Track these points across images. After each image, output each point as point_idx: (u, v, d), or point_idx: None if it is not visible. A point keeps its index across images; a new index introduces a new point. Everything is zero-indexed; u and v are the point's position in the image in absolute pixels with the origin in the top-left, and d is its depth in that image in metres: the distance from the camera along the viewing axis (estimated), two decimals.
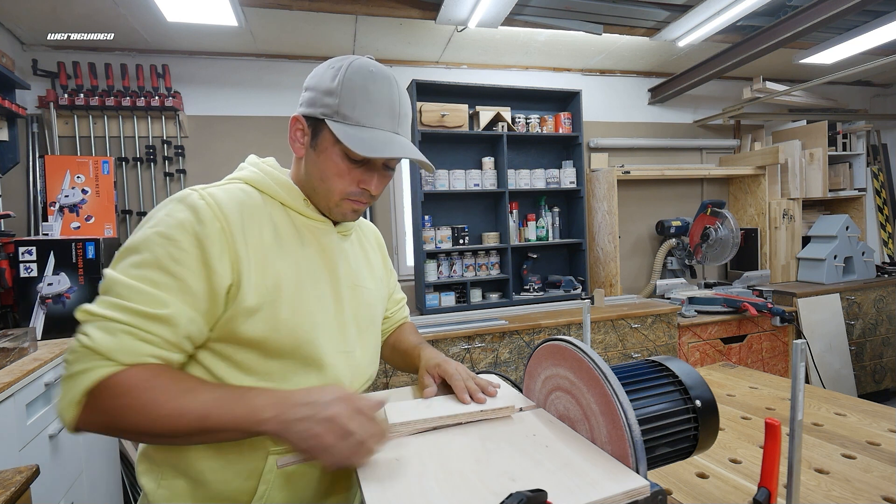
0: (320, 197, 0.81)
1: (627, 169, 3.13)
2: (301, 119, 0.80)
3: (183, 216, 0.69)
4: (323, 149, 0.78)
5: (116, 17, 2.27)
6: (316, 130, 0.78)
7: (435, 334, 2.30)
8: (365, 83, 0.77)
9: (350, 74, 0.77)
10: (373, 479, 0.59)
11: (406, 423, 0.70)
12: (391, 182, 3.04)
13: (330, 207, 0.82)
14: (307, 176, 0.81)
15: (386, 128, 0.78)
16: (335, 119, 0.76)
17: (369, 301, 0.91)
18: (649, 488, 0.54)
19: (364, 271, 0.93)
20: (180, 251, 0.67)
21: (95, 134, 2.54)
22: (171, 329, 0.67)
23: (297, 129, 0.81)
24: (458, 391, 0.80)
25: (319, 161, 0.78)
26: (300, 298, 0.76)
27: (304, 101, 0.80)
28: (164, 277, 0.67)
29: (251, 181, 0.80)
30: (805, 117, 3.69)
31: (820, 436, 1.05)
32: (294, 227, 0.80)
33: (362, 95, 0.76)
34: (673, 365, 0.71)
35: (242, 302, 0.70)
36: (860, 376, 3.24)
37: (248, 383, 0.73)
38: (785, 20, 2.49)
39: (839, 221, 3.35)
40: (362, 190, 0.81)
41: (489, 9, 2.22)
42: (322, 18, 2.40)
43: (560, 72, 3.38)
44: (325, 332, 0.79)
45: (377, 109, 0.77)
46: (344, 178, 0.79)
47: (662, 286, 3.18)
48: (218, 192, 0.74)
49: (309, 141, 0.79)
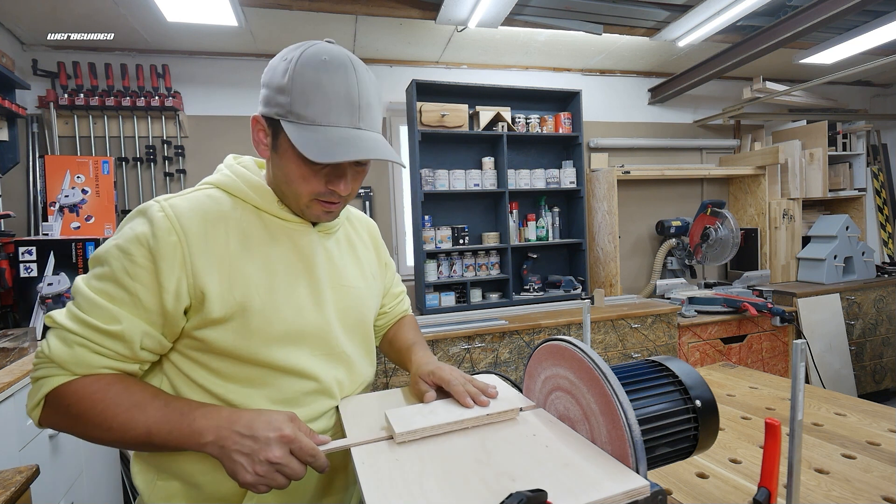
0: (290, 200, 0.78)
1: (627, 169, 3.13)
2: (260, 119, 0.75)
3: (140, 230, 0.69)
4: (283, 151, 0.73)
5: (116, 17, 2.27)
6: (275, 131, 0.73)
7: (435, 334, 2.30)
8: (317, 76, 0.69)
9: (300, 68, 0.69)
10: (373, 479, 0.59)
11: (412, 431, 0.69)
12: (391, 182, 3.04)
13: (301, 209, 0.78)
14: (275, 178, 0.78)
15: (344, 124, 0.71)
16: (289, 119, 0.70)
17: (357, 301, 0.88)
18: (649, 488, 0.54)
19: (351, 270, 0.89)
20: (134, 266, 0.67)
21: (95, 134, 2.54)
22: (124, 344, 0.68)
23: (259, 131, 0.76)
24: (459, 396, 0.76)
25: (282, 164, 0.74)
26: (272, 307, 0.74)
27: (261, 99, 0.75)
28: (119, 292, 0.68)
29: (222, 185, 0.78)
30: (805, 117, 3.69)
31: (820, 436, 1.05)
32: (267, 230, 0.77)
33: (315, 90, 0.69)
34: (673, 365, 0.71)
35: (209, 314, 0.70)
36: (860, 376, 3.24)
37: (232, 391, 0.73)
38: (785, 20, 2.49)
39: (839, 221, 3.35)
40: (331, 191, 0.76)
41: (489, 9, 2.22)
42: (322, 18, 2.40)
43: (560, 72, 3.38)
44: (302, 338, 0.78)
45: (332, 104, 0.70)
46: (309, 182, 0.74)
47: (662, 286, 3.18)
48: (180, 202, 0.72)
49: (271, 142, 0.75)
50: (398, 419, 0.72)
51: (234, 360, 0.73)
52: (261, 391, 0.75)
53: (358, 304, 0.88)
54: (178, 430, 0.65)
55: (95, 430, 0.66)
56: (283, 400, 0.77)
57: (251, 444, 0.63)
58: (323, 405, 0.81)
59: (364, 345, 0.91)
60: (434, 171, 2.80)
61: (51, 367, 0.67)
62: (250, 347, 0.72)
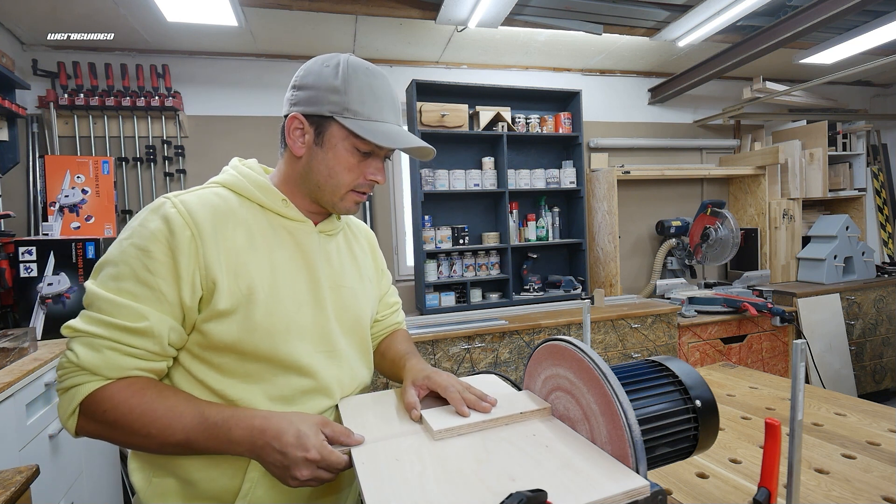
0: (326, 192, 0.82)
1: (627, 169, 3.13)
2: (301, 118, 0.79)
3: (155, 226, 0.71)
4: (331, 145, 0.79)
5: (116, 17, 2.26)
6: (321, 128, 0.79)
7: (435, 334, 2.30)
8: (368, 80, 0.79)
9: (352, 72, 0.78)
10: (373, 478, 0.59)
11: (450, 428, 0.70)
12: (391, 182, 3.04)
13: (335, 202, 0.83)
14: (310, 174, 0.82)
15: (392, 121, 0.81)
16: (345, 116, 0.77)
17: (354, 302, 0.90)
18: (649, 488, 0.54)
19: (349, 271, 0.91)
20: (154, 262, 0.69)
21: (95, 134, 2.54)
22: (153, 340, 0.69)
23: (296, 129, 0.80)
24: (456, 403, 0.75)
25: (328, 158, 0.79)
26: (275, 300, 0.76)
27: (301, 99, 0.80)
28: (141, 289, 0.69)
29: (228, 185, 0.81)
30: (805, 117, 3.69)
31: (820, 436, 1.05)
32: (272, 228, 0.81)
33: (368, 92, 0.78)
34: (673, 365, 0.71)
35: (216, 305, 0.72)
36: (860, 376, 3.24)
37: (230, 385, 0.74)
38: (785, 20, 2.49)
39: (839, 221, 3.35)
40: (368, 181, 0.83)
41: (489, 9, 2.22)
42: (322, 18, 2.40)
43: (560, 72, 3.38)
44: (303, 333, 0.79)
45: (382, 104, 0.80)
46: (353, 171, 0.81)
47: (662, 286, 3.18)
48: (191, 198, 0.75)
49: (312, 139, 0.80)
50: (434, 419, 0.73)
51: (235, 354, 0.74)
52: (259, 387, 0.76)
53: (354, 304, 0.90)
54: (215, 439, 0.67)
55: (134, 437, 0.67)
56: (281, 397, 0.77)
57: (282, 460, 0.65)
58: (320, 404, 0.82)
59: (361, 346, 0.92)
60: (434, 171, 2.80)
61: (82, 375, 0.67)
62: (253, 340, 0.74)
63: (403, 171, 3.06)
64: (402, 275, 3.07)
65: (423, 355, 2.29)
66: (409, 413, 0.77)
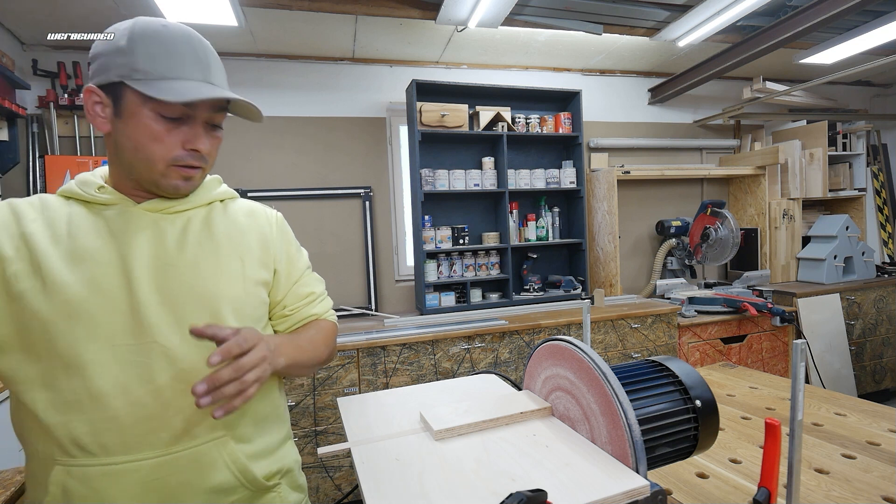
0: (140, 169, 0.73)
1: (627, 169, 3.13)
2: (95, 90, 0.72)
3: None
4: (130, 114, 0.70)
5: (116, 17, 2.26)
6: (116, 97, 0.71)
7: (435, 334, 2.30)
8: (159, 36, 0.70)
9: (139, 30, 0.70)
10: (373, 478, 0.59)
11: (451, 428, 0.70)
12: (391, 182, 3.04)
13: (155, 179, 0.74)
14: (120, 150, 0.74)
15: (196, 77, 0.72)
16: (135, 77, 0.69)
17: (201, 282, 0.77)
18: (649, 488, 0.54)
19: (197, 250, 0.78)
20: None
21: (95, 134, 2.54)
22: None
23: (95, 103, 0.72)
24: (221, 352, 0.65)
25: (129, 129, 0.71)
26: (55, 287, 0.69)
27: (93, 70, 0.72)
28: None
29: (61, 191, 0.78)
30: (805, 117, 3.69)
31: (820, 436, 1.05)
32: (87, 218, 0.74)
33: (159, 47, 0.70)
34: (673, 365, 0.71)
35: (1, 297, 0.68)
36: (860, 376, 3.24)
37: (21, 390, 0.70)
38: (785, 20, 2.49)
39: (839, 221, 3.35)
40: (189, 151, 0.74)
41: (489, 9, 2.22)
42: (322, 18, 2.40)
43: (560, 72, 3.38)
44: (95, 322, 0.70)
45: (181, 60, 0.71)
46: (163, 142, 0.71)
47: (662, 286, 3.18)
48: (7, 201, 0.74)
49: (112, 112, 0.72)
50: (435, 419, 0.72)
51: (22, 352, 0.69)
52: (47, 394, 0.69)
53: (202, 285, 0.77)
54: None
55: None
56: (71, 402, 0.69)
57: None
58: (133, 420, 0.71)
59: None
60: (434, 171, 2.80)
61: None
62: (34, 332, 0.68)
63: (403, 171, 3.06)
64: (402, 275, 3.07)
65: (424, 355, 2.29)
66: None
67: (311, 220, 2.86)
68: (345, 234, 2.94)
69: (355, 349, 2.21)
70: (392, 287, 3.03)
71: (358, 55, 2.90)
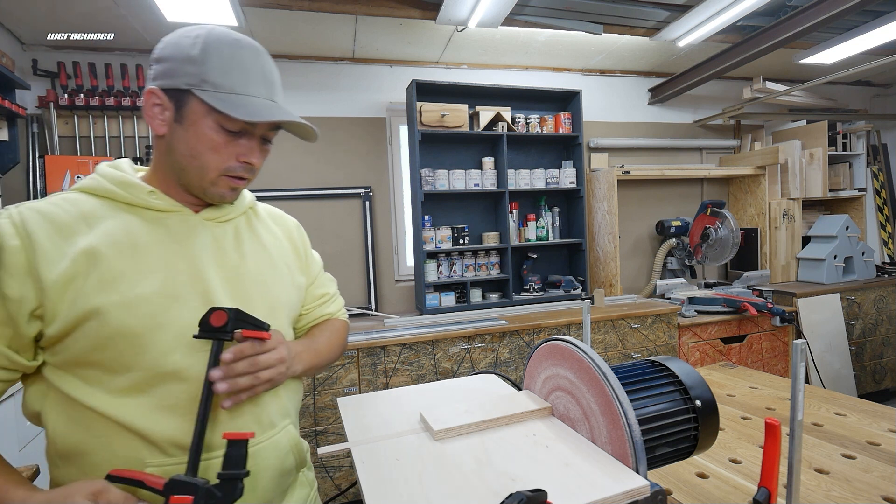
0: (192, 176, 0.74)
1: (627, 169, 3.13)
2: (158, 92, 0.72)
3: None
4: (192, 122, 0.71)
5: (116, 17, 2.27)
6: (180, 103, 0.71)
7: (435, 334, 2.30)
8: (232, 50, 0.72)
9: (213, 41, 0.71)
10: (373, 478, 0.59)
11: (451, 428, 0.70)
12: (391, 182, 3.04)
13: (204, 187, 0.75)
14: (173, 155, 0.74)
15: (262, 95, 0.74)
16: (203, 88, 0.69)
17: (264, 289, 0.81)
18: (649, 488, 0.54)
19: (255, 257, 0.83)
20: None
21: (95, 134, 2.54)
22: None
23: (154, 105, 0.72)
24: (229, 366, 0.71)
25: (189, 136, 0.72)
26: (137, 301, 0.68)
27: (158, 73, 0.72)
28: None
29: (85, 188, 0.74)
30: (805, 117, 3.69)
31: (820, 436, 1.05)
32: (141, 225, 0.73)
33: (231, 62, 0.71)
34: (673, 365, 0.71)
35: (63, 320, 0.65)
36: (860, 376, 3.24)
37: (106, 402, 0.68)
38: (785, 20, 2.49)
39: (839, 221, 3.35)
40: (242, 164, 0.75)
41: (489, 9, 2.22)
42: (322, 18, 2.40)
43: (560, 72, 3.38)
44: (179, 332, 0.71)
45: (250, 77, 0.72)
46: (220, 153, 0.73)
47: (662, 286, 3.18)
48: (30, 208, 0.68)
49: (172, 116, 0.72)
50: (435, 419, 0.72)
51: (99, 368, 0.68)
52: (139, 400, 0.69)
53: (265, 290, 0.82)
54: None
55: None
56: (168, 406, 0.70)
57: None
58: None
59: (291, 333, 0.86)
60: (434, 171, 2.80)
61: None
62: (117, 347, 0.67)
63: (403, 171, 3.06)
64: (402, 275, 3.07)
65: (424, 355, 2.29)
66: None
67: (311, 220, 2.86)
68: (345, 234, 2.94)
69: (355, 349, 2.21)
70: (392, 287, 3.03)
71: (358, 55, 2.90)
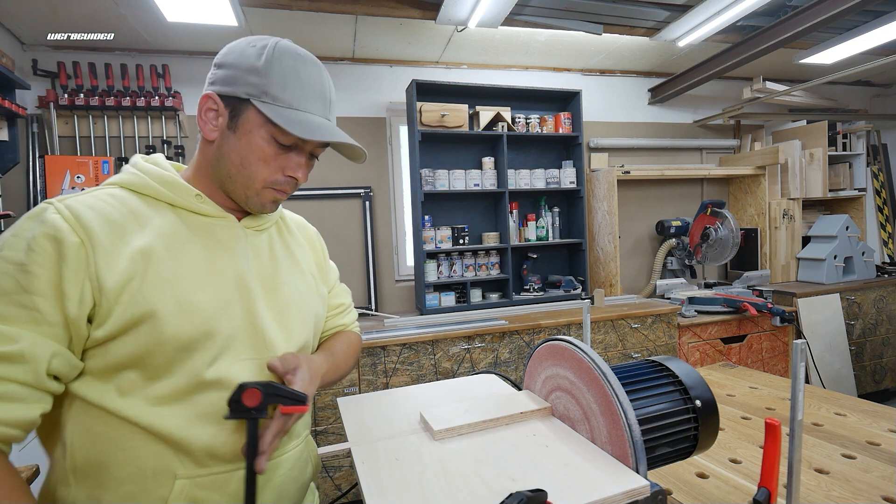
0: (237, 184, 0.74)
1: (627, 169, 3.13)
2: (215, 98, 0.72)
3: (33, 235, 0.61)
4: (246, 131, 0.71)
5: (116, 17, 2.26)
6: (236, 111, 0.71)
7: (435, 334, 2.30)
8: (295, 65, 0.72)
9: (278, 54, 0.71)
10: (373, 478, 0.59)
11: (451, 428, 0.70)
12: (391, 182, 3.04)
13: (248, 196, 0.75)
14: (221, 161, 0.74)
15: (318, 113, 0.74)
16: (263, 100, 0.70)
17: (298, 299, 0.82)
18: (649, 488, 0.54)
19: (286, 267, 0.83)
20: (31, 277, 0.59)
21: (95, 134, 2.54)
22: (25, 367, 0.58)
23: (210, 109, 0.73)
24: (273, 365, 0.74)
25: (241, 145, 0.72)
26: (190, 307, 0.67)
27: (219, 78, 0.72)
28: (14, 310, 0.58)
29: (126, 184, 0.72)
30: (805, 117, 3.69)
31: (820, 436, 1.05)
32: (186, 228, 0.72)
33: (293, 77, 0.71)
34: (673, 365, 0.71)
35: (116, 320, 0.63)
36: (860, 376, 3.24)
37: (138, 409, 0.65)
38: (785, 20, 2.49)
39: (839, 221, 3.35)
40: (287, 178, 0.75)
41: (489, 9, 2.22)
42: (322, 18, 2.40)
43: (560, 72, 3.38)
44: (227, 340, 0.70)
45: (308, 93, 0.73)
46: (269, 165, 0.73)
47: (662, 286, 3.18)
48: (79, 203, 0.65)
49: (225, 123, 0.72)
50: (435, 419, 0.72)
51: (142, 372, 0.65)
52: (181, 408, 0.67)
53: (298, 302, 0.82)
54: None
55: None
56: (207, 415, 0.68)
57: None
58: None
59: (312, 344, 0.86)
60: (434, 171, 2.80)
61: None
62: (165, 353, 0.65)
63: (403, 171, 3.06)
64: (402, 275, 3.07)
65: (424, 355, 2.29)
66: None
67: (311, 220, 2.81)
68: (345, 234, 2.94)
69: None
70: (392, 287, 3.03)
71: (358, 55, 2.90)
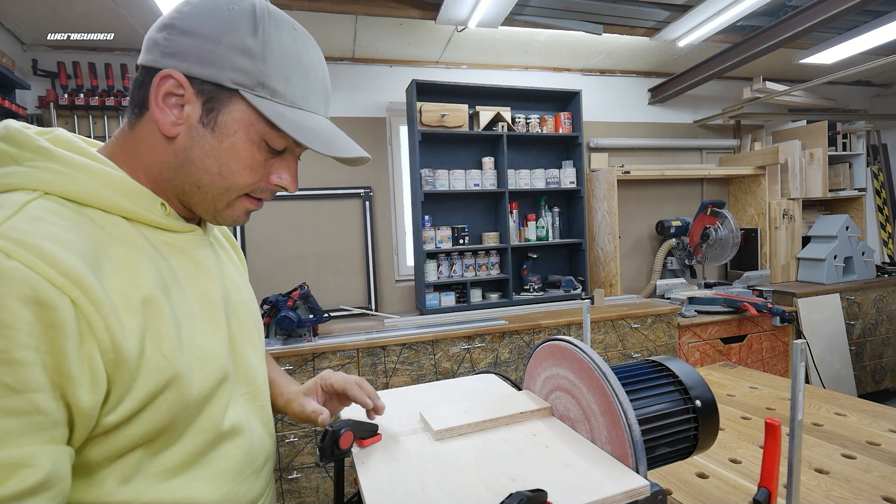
0: (208, 196, 0.57)
1: (627, 169, 3.13)
2: (181, 80, 0.52)
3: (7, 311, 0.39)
4: (230, 131, 0.54)
5: (116, 17, 2.27)
6: (214, 103, 0.53)
7: (435, 334, 2.30)
8: (296, 46, 0.55)
9: (274, 29, 0.54)
10: (373, 478, 0.59)
11: (451, 428, 0.70)
12: (391, 182, 3.04)
13: (218, 209, 0.58)
14: (188, 167, 0.55)
15: (322, 111, 0.60)
16: (257, 93, 0.53)
17: (253, 314, 0.71)
18: (649, 488, 0.54)
19: (238, 280, 0.71)
20: (15, 369, 0.39)
21: (95, 134, 2.54)
22: (53, 491, 0.41)
23: (169, 94, 0.53)
24: (361, 399, 0.72)
25: (222, 149, 0.54)
26: (202, 353, 0.55)
27: (184, 50, 0.52)
28: (10, 422, 0.39)
29: (59, 192, 0.48)
30: (805, 117, 3.69)
31: (820, 436, 1.05)
32: (155, 249, 0.55)
33: (297, 64, 0.55)
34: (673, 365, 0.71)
35: (136, 397, 0.48)
36: (860, 376, 3.24)
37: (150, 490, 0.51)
38: (785, 20, 2.49)
39: (839, 221, 3.35)
40: (273, 186, 0.60)
41: (489, 9, 2.22)
42: (322, 18, 2.40)
43: (560, 72, 3.38)
44: (228, 378, 0.59)
45: (314, 86, 0.58)
46: (255, 172, 0.57)
47: (662, 286, 3.18)
48: (33, 236, 0.42)
49: (197, 116, 0.53)
50: (435, 419, 0.72)
51: (152, 448, 0.51)
52: (196, 472, 0.55)
53: (254, 317, 0.71)
54: None
55: None
56: (225, 471, 0.58)
57: None
58: (266, 469, 0.67)
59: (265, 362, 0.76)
60: (434, 171, 2.80)
61: None
62: (186, 419, 0.53)
63: (403, 171, 3.06)
64: (402, 275, 3.07)
65: (424, 355, 2.29)
66: (316, 421, 0.70)
67: (311, 220, 2.86)
68: (345, 234, 2.94)
69: (355, 349, 2.21)
70: (392, 287, 3.03)
71: (358, 55, 2.90)
